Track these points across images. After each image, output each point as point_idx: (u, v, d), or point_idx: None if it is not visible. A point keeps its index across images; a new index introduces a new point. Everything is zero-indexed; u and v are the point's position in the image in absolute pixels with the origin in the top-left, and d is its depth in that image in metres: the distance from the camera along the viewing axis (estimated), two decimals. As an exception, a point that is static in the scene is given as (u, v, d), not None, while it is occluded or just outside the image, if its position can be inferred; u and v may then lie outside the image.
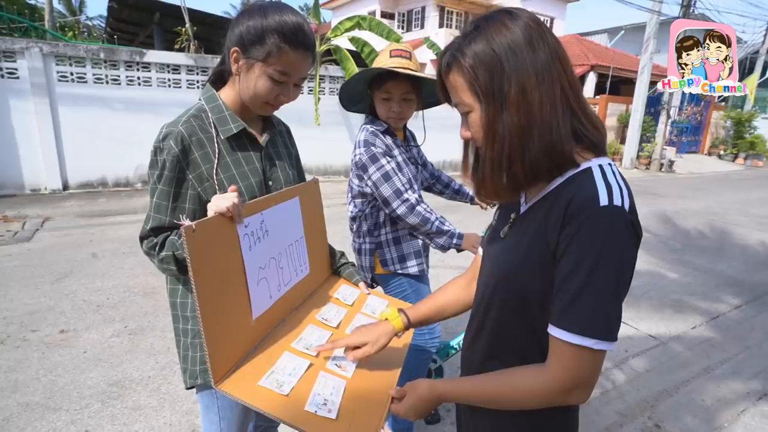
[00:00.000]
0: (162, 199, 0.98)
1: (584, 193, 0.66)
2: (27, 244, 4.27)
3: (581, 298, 0.64)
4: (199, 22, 8.71)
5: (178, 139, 0.97)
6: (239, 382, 0.85)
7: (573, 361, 0.66)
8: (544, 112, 0.67)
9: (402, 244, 1.69)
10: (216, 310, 0.84)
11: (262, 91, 1.01)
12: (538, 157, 0.68)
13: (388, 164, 1.55)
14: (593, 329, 0.64)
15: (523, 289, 0.73)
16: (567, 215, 0.66)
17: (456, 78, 0.72)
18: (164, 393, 2.22)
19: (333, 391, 0.89)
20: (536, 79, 0.67)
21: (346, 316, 1.17)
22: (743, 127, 15.07)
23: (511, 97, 0.67)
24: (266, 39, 0.97)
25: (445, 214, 1.74)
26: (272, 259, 1.03)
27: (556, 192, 0.72)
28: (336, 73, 7.97)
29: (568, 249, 0.66)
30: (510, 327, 0.78)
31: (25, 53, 5.84)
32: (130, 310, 3.05)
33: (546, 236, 0.69)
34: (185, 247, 0.77)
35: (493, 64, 0.67)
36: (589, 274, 0.64)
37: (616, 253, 0.64)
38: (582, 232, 0.65)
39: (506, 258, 0.78)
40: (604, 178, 0.68)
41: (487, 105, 0.69)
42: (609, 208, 0.64)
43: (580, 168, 0.71)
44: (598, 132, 0.73)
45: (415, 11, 20.19)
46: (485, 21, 0.70)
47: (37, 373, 2.32)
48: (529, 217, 0.77)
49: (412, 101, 1.60)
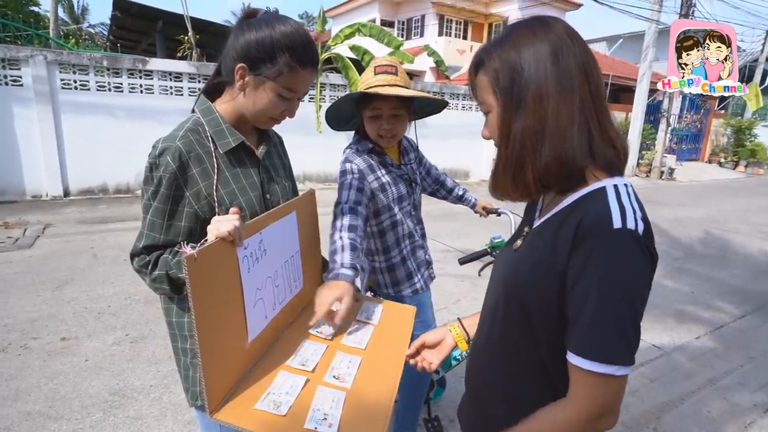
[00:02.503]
0: (156, 216, 0.95)
1: (596, 214, 0.65)
2: (28, 251, 4.27)
3: (599, 325, 0.63)
4: (202, 31, 8.78)
5: (176, 155, 0.94)
6: (235, 408, 0.83)
7: (596, 390, 0.65)
8: (559, 122, 0.68)
9: (396, 271, 1.65)
10: (214, 337, 0.82)
11: (269, 108, 0.99)
12: (548, 163, 0.69)
13: (352, 179, 1.47)
14: (614, 356, 0.63)
15: (526, 303, 0.73)
16: (577, 236, 0.66)
17: (482, 78, 0.75)
18: (166, 402, 2.20)
19: (333, 404, 0.87)
20: (554, 88, 0.68)
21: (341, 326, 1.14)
22: (743, 134, 15.13)
23: (528, 102, 0.68)
24: (277, 57, 0.94)
25: (444, 222, 1.73)
26: (269, 278, 1.01)
27: (568, 210, 0.71)
28: (337, 81, 8.02)
29: (582, 274, 0.65)
30: (513, 340, 0.78)
31: (30, 61, 5.88)
32: (132, 317, 3.04)
33: (554, 254, 0.69)
34: (186, 277, 0.74)
35: (515, 68, 0.69)
36: (605, 300, 0.63)
37: (632, 278, 0.63)
38: (595, 256, 0.64)
39: (513, 270, 0.78)
40: (618, 199, 0.67)
41: (504, 106, 0.71)
42: (622, 232, 0.63)
43: (593, 187, 0.70)
44: (615, 150, 0.72)
45: (415, 19, 20.35)
46: (517, 28, 0.73)
47: (38, 381, 2.31)
48: (540, 233, 0.77)
49: (402, 116, 1.51)
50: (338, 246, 1.25)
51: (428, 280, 1.77)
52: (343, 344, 1.08)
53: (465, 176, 9.92)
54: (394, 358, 1.05)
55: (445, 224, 5.35)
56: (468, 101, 9.53)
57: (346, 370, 0.98)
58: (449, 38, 19.39)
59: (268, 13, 1.01)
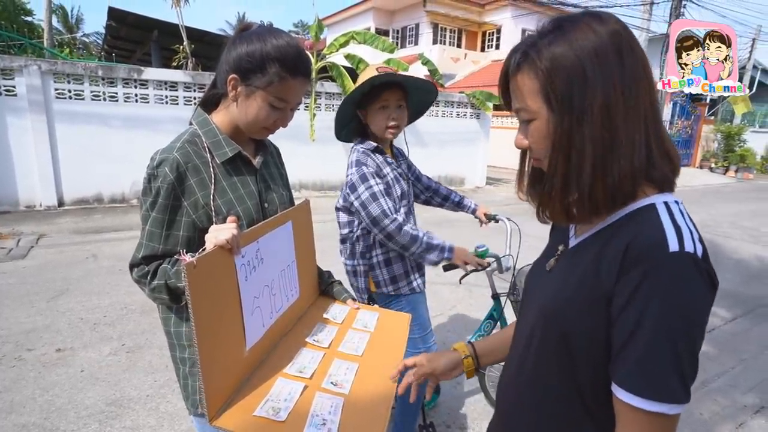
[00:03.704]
0: (155, 227, 0.96)
1: (649, 235, 0.58)
2: (22, 262, 4.24)
3: (653, 359, 0.56)
4: (197, 40, 8.84)
5: (174, 165, 0.96)
6: (234, 414, 0.84)
7: (647, 429, 0.58)
8: (630, 131, 0.60)
9: (393, 266, 1.71)
10: (213, 345, 0.83)
11: (261, 117, 1.02)
12: (622, 180, 0.60)
13: (377, 185, 1.58)
14: (668, 393, 0.56)
15: (566, 330, 0.66)
16: (627, 259, 0.59)
17: (525, 80, 0.64)
18: (163, 412, 2.20)
19: (331, 409, 0.88)
20: (623, 92, 0.59)
21: (338, 334, 1.17)
22: (733, 140, 15.36)
23: (594, 110, 0.59)
24: (267, 67, 0.97)
25: (440, 229, 1.77)
26: (266, 287, 1.03)
27: (614, 229, 0.64)
28: (332, 89, 8.08)
29: (633, 301, 0.57)
30: (549, 369, 0.70)
31: (24, 71, 5.88)
32: (128, 327, 3.03)
33: (599, 278, 0.61)
34: (185, 285, 0.75)
35: (575, 70, 0.60)
36: (660, 330, 0.56)
37: (691, 306, 0.56)
38: (649, 283, 0.56)
39: (551, 294, 0.71)
40: (672, 218, 0.60)
41: (561, 115, 0.61)
42: (680, 255, 0.56)
43: (641, 203, 0.63)
44: (671, 164, 0.64)
45: (409, 28, 20.56)
46: (569, 22, 0.62)
47: (33, 393, 2.30)
48: (579, 253, 0.69)
49: (405, 108, 1.66)
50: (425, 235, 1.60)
51: (424, 280, 1.81)
52: (340, 351, 1.10)
53: (460, 183, 9.98)
54: (390, 365, 1.06)
55: (441, 231, 5.37)
56: (463, 108, 9.62)
57: (344, 376, 0.99)
58: (443, 46, 19.59)
59: (261, 26, 1.04)
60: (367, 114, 1.65)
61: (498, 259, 1.85)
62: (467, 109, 9.66)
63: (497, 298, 2.02)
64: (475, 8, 20.19)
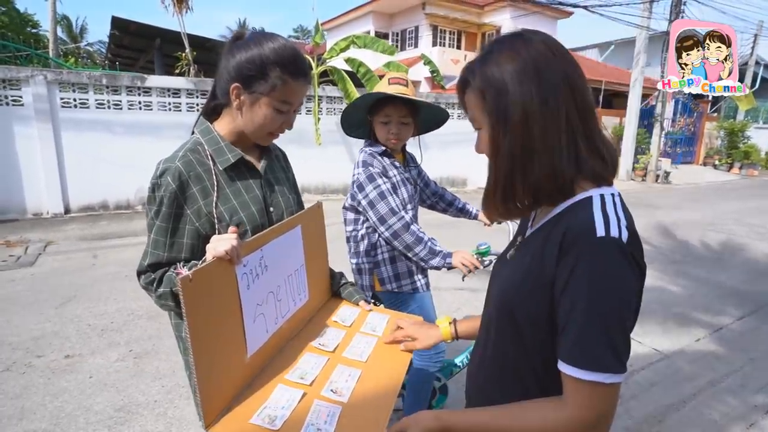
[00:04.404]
0: (159, 235, 0.98)
1: (580, 224, 0.66)
2: (30, 269, 4.28)
3: (587, 334, 0.64)
4: (199, 47, 8.89)
5: (176, 175, 0.97)
6: (231, 422, 0.84)
7: (589, 398, 0.65)
8: (547, 138, 0.68)
9: (397, 263, 1.74)
10: (211, 354, 0.82)
11: (267, 123, 1.03)
12: (539, 180, 0.69)
13: (384, 184, 1.62)
14: (602, 364, 0.63)
15: (515, 313, 0.74)
16: (563, 245, 0.67)
17: (470, 96, 0.75)
18: (171, 417, 2.21)
19: (328, 419, 0.86)
20: (539, 105, 0.68)
21: (344, 338, 1.14)
22: (737, 137, 15.28)
23: (514, 121, 0.68)
24: (268, 73, 0.98)
25: (444, 231, 1.78)
26: (270, 293, 1.01)
27: (555, 220, 0.72)
28: (333, 93, 8.11)
29: (568, 283, 0.65)
30: (506, 351, 0.78)
31: (30, 81, 5.95)
32: (135, 333, 3.05)
33: (542, 265, 0.70)
34: (181, 297, 0.76)
35: (500, 87, 0.69)
36: (590, 308, 0.64)
37: (617, 285, 0.63)
38: (580, 265, 0.64)
39: (505, 281, 0.79)
40: (603, 208, 0.67)
41: (492, 125, 0.71)
42: (605, 240, 0.64)
43: (580, 197, 0.71)
44: (603, 162, 0.72)
45: (409, 31, 20.61)
46: (498, 45, 0.73)
47: (43, 399, 2.32)
48: (530, 242, 0.78)
49: (409, 125, 1.69)
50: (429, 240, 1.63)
51: (427, 281, 1.83)
52: (344, 357, 1.07)
53: (462, 184, 9.97)
54: (394, 371, 1.04)
55: (444, 232, 5.36)
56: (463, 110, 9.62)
57: (345, 383, 0.97)
58: (443, 48, 19.62)
59: (255, 32, 1.05)
60: (373, 122, 1.71)
61: (500, 256, 1.85)
62: (469, 111, 9.66)
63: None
64: (475, 10, 20.22)
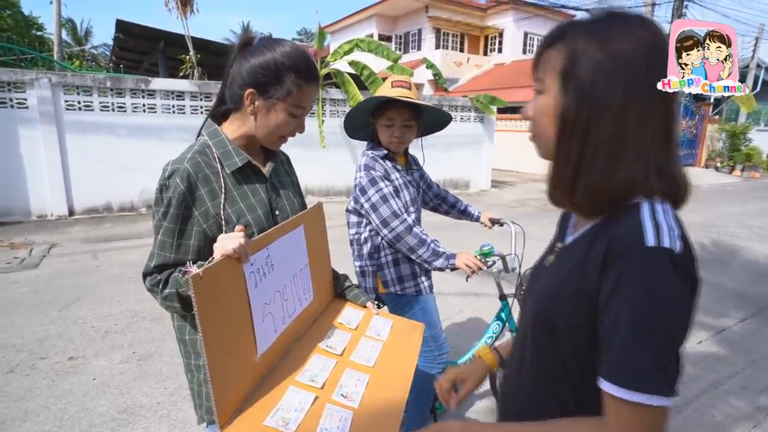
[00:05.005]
0: (167, 236, 0.98)
1: (628, 231, 0.60)
2: (34, 271, 4.31)
3: (632, 351, 0.57)
4: (202, 49, 8.96)
5: (184, 176, 0.98)
6: (245, 422, 0.85)
7: (631, 422, 0.59)
8: (639, 140, 0.61)
9: (400, 266, 1.74)
10: (222, 353, 0.83)
11: (282, 126, 1.05)
12: (620, 184, 0.62)
13: (387, 188, 1.63)
14: (648, 384, 0.57)
15: (553, 321, 0.68)
16: (608, 255, 0.61)
17: (552, 54, 0.66)
18: (174, 419, 2.22)
19: (340, 423, 0.87)
20: (642, 99, 0.61)
21: (351, 341, 1.16)
22: (738, 139, 15.23)
23: (614, 108, 0.61)
24: (284, 78, 1.00)
25: (446, 233, 1.79)
26: (277, 293, 1.03)
27: (600, 227, 0.66)
28: (336, 95, 8.14)
29: (613, 296, 0.59)
30: (543, 360, 0.73)
31: (35, 84, 6.00)
32: (138, 335, 3.07)
33: (584, 274, 0.64)
34: (192, 296, 0.77)
35: (603, 63, 0.61)
36: (637, 323, 0.57)
37: (667, 299, 0.57)
38: (626, 277, 0.58)
39: (543, 288, 0.74)
40: (654, 216, 0.61)
41: (578, 101, 0.63)
42: (656, 250, 0.57)
43: (628, 203, 0.64)
44: (677, 184, 0.65)
45: (412, 33, 20.67)
46: (616, 18, 0.64)
47: (46, 401, 2.33)
48: (571, 250, 0.72)
49: (411, 127, 1.71)
50: (433, 242, 1.63)
51: (431, 284, 1.84)
52: (352, 361, 1.09)
53: (465, 186, 9.98)
54: (401, 378, 1.06)
55: (447, 234, 5.37)
56: (466, 112, 9.64)
57: (354, 388, 0.99)
58: (446, 51, 19.67)
59: (264, 38, 1.06)
60: (376, 124, 1.72)
61: (503, 257, 1.87)
62: (471, 113, 9.69)
63: (505, 299, 2.03)
64: (477, 13, 20.27)
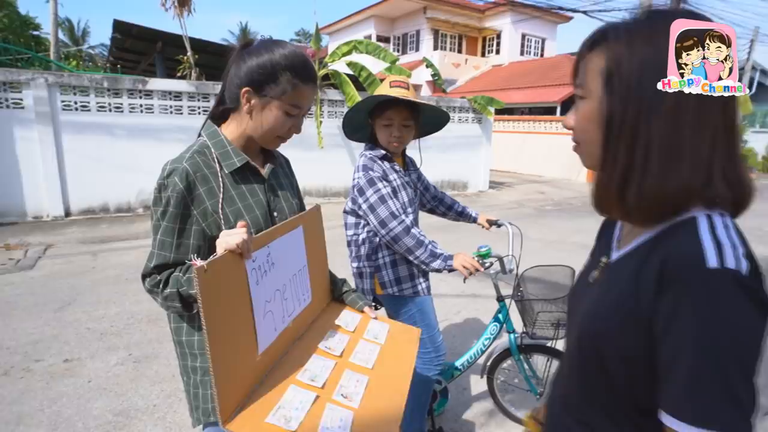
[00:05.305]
0: (166, 236, 0.98)
1: (685, 251, 0.54)
2: (30, 272, 4.28)
3: (700, 383, 0.51)
4: (200, 50, 8.93)
5: (183, 175, 0.98)
6: (247, 420, 0.85)
7: None
8: (697, 141, 0.56)
9: (398, 267, 1.74)
10: (225, 349, 0.84)
11: (277, 126, 1.04)
12: (678, 190, 0.57)
13: (385, 188, 1.62)
14: (720, 420, 0.51)
15: (600, 348, 0.63)
16: (663, 277, 0.55)
17: (594, 57, 0.62)
18: (170, 422, 2.20)
19: (341, 423, 0.88)
20: (697, 97, 0.56)
21: (349, 343, 1.17)
22: (735, 141, 15.32)
23: (665, 106, 0.56)
24: (279, 77, 1.01)
25: (444, 234, 1.78)
26: (277, 291, 1.04)
27: (651, 243, 0.61)
28: (334, 96, 8.13)
29: (672, 324, 0.54)
30: (593, 387, 0.68)
31: (31, 84, 5.97)
32: (134, 337, 3.05)
33: (636, 298, 0.58)
34: (196, 288, 0.76)
35: (650, 61, 0.57)
36: (703, 355, 0.51)
37: (736, 327, 0.51)
38: (686, 304, 0.53)
39: (590, 309, 0.68)
40: (713, 232, 0.55)
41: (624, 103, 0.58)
42: (720, 272, 0.52)
43: (682, 217, 0.58)
44: (741, 190, 0.59)
45: (410, 35, 20.70)
46: (659, 14, 0.60)
47: (41, 404, 2.31)
48: (619, 268, 0.66)
49: (410, 127, 1.71)
50: (430, 243, 1.63)
51: (428, 285, 1.83)
52: (351, 362, 1.10)
53: (463, 187, 9.98)
54: (400, 380, 1.07)
55: (444, 235, 5.38)
56: (464, 113, 9.64)
57: (354, 389, 0.99)
58: (444, 52, 19.71)
59: (264, 40, 1.08)
60: (375, 125, 1.71)
61: (500, 259, 1.86)
62: (469, 114, 9.69)
63: (502, 300, 2.02)
64: (475, 14, 20.32)
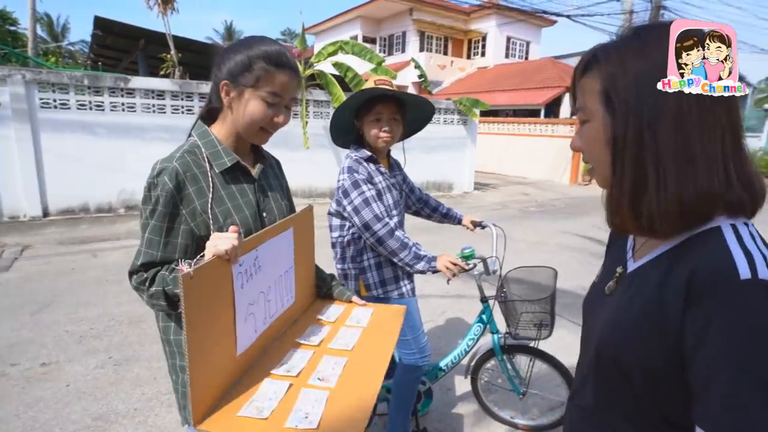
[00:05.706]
0: (154, 234, 0.98)
1: (715, 263, 0.53)
2: (5, 274, 4.15)
3: (741, 399, 0.49)
4: (184, 49, 8.82)
5: (173, 174, 0.98)
6: (219, 417, 0.85)
7: None
8: (706, 144, 0.55)
9: (383, 269, 1.74)
10: (204, 352, 0.84)
11: (256, 114, 1.04)
12: (697, 198, 0.55)
13: (369, 191, 1.62)
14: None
15: (621, 362, 0.62)
16: (692, 290, 0.53)
17: (589, 80, 0.63)
18: (151, 425, 2.17)
19: (315, 403, 0.89)
20: (696, 101, 0.55)
21: (329, 333, 1.18)
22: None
23: (667, 115, 0.56)
24: (253, 66, 1.02)
25: (429, 236, 1.79)
26: (261, 293, 1.04)
27: (676, 254, 0.59)
28: (320, 97, 8.11)
29: (705, 338, 0.52)
30: (610, 403, 0.67)
31: (8, 80, 5.80)
32: (115, 339, 2.99)
33: (662, 311, 0.56)
34: (181, 294, 0.77)
35: (642, 73, 0.57)
36: (743, 368, 0.50)
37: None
38: (720, 317, 0.51)
39: (610, 319, 0.66)
40: (740, 241, 0.54)
41: (625, 118, 0.58)
42: (754, 283, 0.50)
43: (705, 226, 0.57)
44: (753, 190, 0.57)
45: (396, 36, 20.76)
46: (645, 29, 0.60)
47: (16, 409, 2.25)
48: (640, 279, 0.64)
49: (399, 122, 1.70)
50: (414, 245, 1.64)
51: (413, 287, 1.84)
52: (330, 348, 1.11)
53: (449, 188, 10.05)
54: (379, 355, 1.08)
55: (429, 236, 5.41)
56: (450, 115, 9.71)
57: (332, 371, 1.00)
58: (430, 54, 19.81)
59: (247, 37, 1.10)
60: (362, 124, 1.71)
61: (484, 260, 1.88)
62: (454, 116, 9.76)
63: (486, 301, 2.04)
64: (461, 16, 20.48)
